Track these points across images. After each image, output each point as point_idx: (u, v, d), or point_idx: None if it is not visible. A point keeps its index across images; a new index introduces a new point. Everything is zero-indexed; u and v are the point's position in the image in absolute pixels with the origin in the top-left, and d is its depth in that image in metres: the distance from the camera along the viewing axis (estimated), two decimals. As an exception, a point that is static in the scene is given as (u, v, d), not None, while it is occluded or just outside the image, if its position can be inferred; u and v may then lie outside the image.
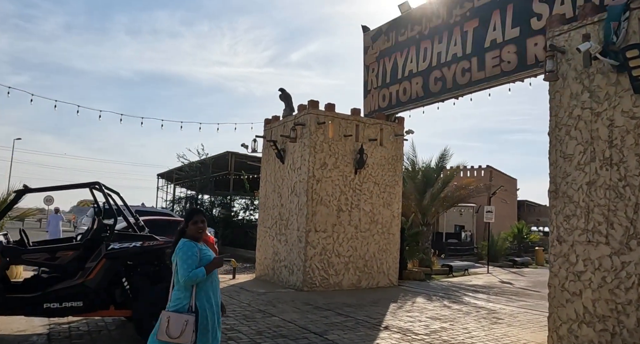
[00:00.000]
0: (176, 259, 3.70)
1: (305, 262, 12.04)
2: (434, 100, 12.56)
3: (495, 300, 11.65)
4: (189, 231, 3.85)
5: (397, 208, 13.98)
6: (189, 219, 3.89)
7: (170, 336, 3.55)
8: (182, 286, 3.67)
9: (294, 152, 13.06)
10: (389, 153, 13.85)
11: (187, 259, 3.65)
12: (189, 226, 3.85)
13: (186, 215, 4.00)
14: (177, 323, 3.57)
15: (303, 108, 12.92)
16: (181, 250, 3.69)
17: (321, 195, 12.43)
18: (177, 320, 3.58)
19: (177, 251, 3.72)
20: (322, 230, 12.37)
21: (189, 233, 3.85)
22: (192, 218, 3.88)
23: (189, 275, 3.61)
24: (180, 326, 3.56)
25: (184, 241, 3.77)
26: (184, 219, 3.97)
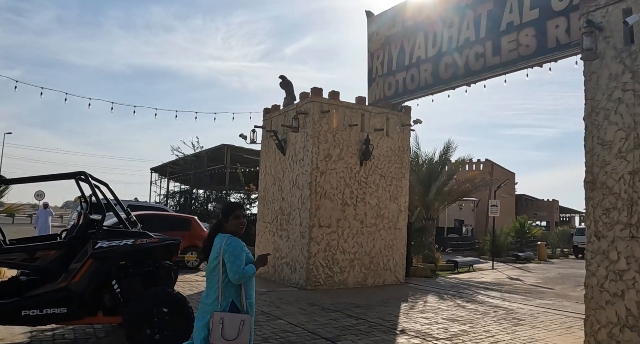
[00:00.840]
0: (223, 256, 3.43)
1: (309, 259, 11.35)
2: (445, 88, 11.87)
3: (510, 298, 11.02)
4: (228, 227, 3.59)
5: (404, 201, 13.31)
6: (229, 213, 3.61)
7: (226, 338, 3.32)
8: (233, 284, 3.44)
9: (295, 143, 12.34)
10: (396, 144, 13.16)
11: (238, 255, 3.44)
12: (229, 221, 3.59)
13: (226, 209, 3.69)
14: (233, 323, 3.35)
15: (305, 96, 12.20)
16: (231, 245, 3.45)
17: (325, 188, 11.73)
18: (232, 320, 3.36)
19: (225, 247, 3.44)
20: (326, 225, 11.68)
21: (228, 229, 3.59)
22: (233, 212, 3.62)
23: (243, 272, 3.42)
24: (237, 327, 3.35)
25: (230, 238, 3.51)
26: (222, 213, 3.66)
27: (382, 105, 13.15)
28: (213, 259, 3.49)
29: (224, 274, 3.43)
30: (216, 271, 3.46)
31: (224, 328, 3.32)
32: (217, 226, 3.65)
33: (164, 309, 5.40)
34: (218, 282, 3.44)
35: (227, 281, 3.44)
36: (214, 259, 3.48)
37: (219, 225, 3.63)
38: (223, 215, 3.65)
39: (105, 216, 5.54)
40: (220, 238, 3.53)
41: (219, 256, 3.44)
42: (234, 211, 3.63)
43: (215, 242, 3.53)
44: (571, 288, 13.71)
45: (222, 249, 3.44)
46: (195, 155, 28.07)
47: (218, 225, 3.65)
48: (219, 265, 3.44)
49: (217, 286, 3.44)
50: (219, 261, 3.44)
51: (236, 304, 3.45)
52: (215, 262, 3.46)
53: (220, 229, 3.61)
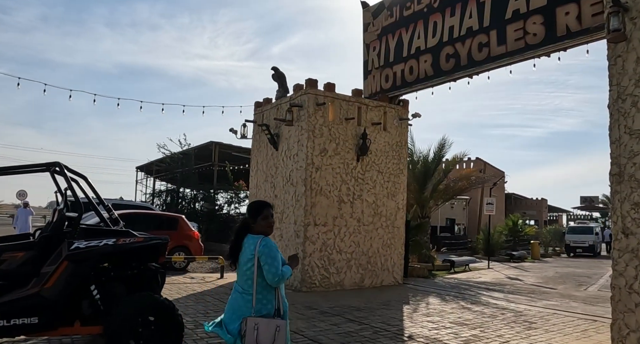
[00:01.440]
0: (259, 258, 3.26)
1: (304, 259, 10.76)
2: (446, 79, 11.34)
3: (514, 299, 10.52)
4: (257, 227, 3.41)
5: (402, 199, 12.77)
6: (258, 213, 3.43)
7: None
8: (268, 288, 3.29)
9: (289, 137, 11.74)
10: (393, 139, 12.61)
11: (275, 257, 3.29)
12: (257, 222, 3.41)
13: (254, 209, 3.49)
14: (268, 329, 3.16)
15: (300, 88, 11.60)
16: (266, 247, 3.29)
17: (321, 185, 11.15)
18: (267, 326, 3.17)
19: (262, 249, 3.27)
20: (322, 223, 11.10)
21: (257, 229, 3.41)
22: (262, 212, 3.44)
23: (282, 275, 3.28)
24: (273, 333, 3.16)
25: (265, 239, 3.34)
26: (250, 213, 3.47)
27: (379, 98, 12.60)
28: (246, 261, 3.30)
29: (258, 277, 3.27)
30: (249, 274, 3.29)
31: (259, 335, 3.13)
32: (244, 226, 3.44)
33: (150, 318, 4.77)
34: (252, 285, 3.27)
35: (263, 284, 3.28)
36: (247, 261, 3.29)
37: (247, 225, 3.44)
38: (250, 215, 3.45)
39: (82, 212, 4.89)
40: (253, 239, 3.34)
41: (253, 259, 3.27)
42: (262, 211, 3.45)
43: (247, 244, 3.34)
44: (574, 288, 13.27)
45: (258, 251, 3.27)
46: (183, 153, 27.26)
47: (245, 225, 3.44)
48: (254, 268, 3.26)
49: (262, 290, 3.27)
50: (253, 264, 3.27)
51: (272, 308, 3.29)
52: (249, 264, 3.28)
53: (248, 230, 3.42)
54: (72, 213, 5.09)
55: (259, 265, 3.25)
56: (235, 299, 3.37)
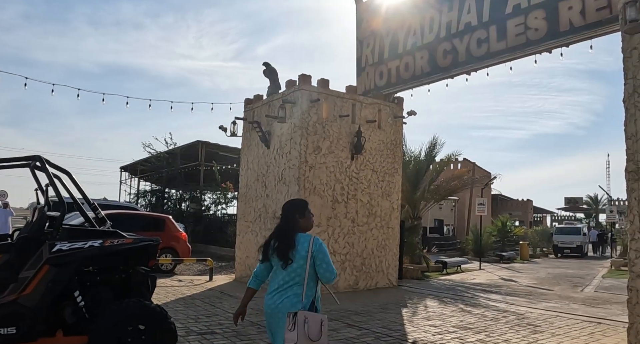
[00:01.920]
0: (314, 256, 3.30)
1: (297, 261, 10.38)
2: (443, 76, 11.07)
3: (513, 301, 10.25)
4: (303, 224, 3.46)
5: (397, 199, 12.46)
6: (303, 211, 3.49)
7: (312, 338, 3.13)
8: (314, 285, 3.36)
9: (281, 135, 11.35)
10: (388, 138, 12.30)
11: (326, 252, 3.37)
12: (305, 217, 3.48)
13: (299, 207, 3.52)
14: (315, 323, 3.17)
15: (292, 84, 11.23)
16: (322, 246, 3.37)
17: (314, 184, 10.78)
18: (314, 320, 3.17)
19: (317, 248, 3.32)
20: (316, 224, 10.71)
21: (303, 226, 3.46)
22: (307, 209, 3.52)
23: (335, 273, 3.38)
24: (318, 327, 3.18)
25: (317, 238, 3.40)
26: (295, 211, 3.48)
27: (373, 95, 12.28)
28: (299, 258, 3.29)
29: (310, 273, 3.30)
30: (299, 271, 3.29)
31: (310, 328, 3.12)
32: (294, 224, 3.43)
33: (139, 327, 4.37)
34: (302, 281, 3.29)
35: (310, 281, 3.31)
36: (300, 258, 3.29)
37: (295, 222, 3.44)
38: (299, 212, 3.47)
39: (65, 211, 4.46)
40: (304, 237, 3.37)
41: (306, 256, 3.29)
42: (307, 208, 3.53)
43: (300, 242, 3.33)
44: (570, 289, 13.07)
45: (314, 250, 3.31)
46: (168, 153, 26.71)
47: (294, 222, 3.44)
48: (306, 265, 3.28)
49: (300, 285, 3.29)
50: (305, 262, 3.28)
51: (315, 304, 3.34)
52: (302, 262, 3.28)
53: (296, 227, 3.42)
54: (54, 212, 4.66)
55: (311, 263, 3.29)
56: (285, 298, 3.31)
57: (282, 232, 3.41)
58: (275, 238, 3.42)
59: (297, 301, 3.26)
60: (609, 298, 11.46)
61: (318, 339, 3.14)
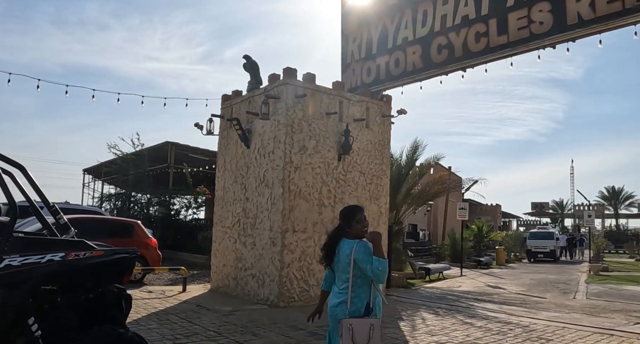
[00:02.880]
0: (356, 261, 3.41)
1: (282, 270, 9.54)
2: (437, 73, 10.43)
3: (511, 311, 9.65)
4: (353, 231, 3.58)
5: (385, 203, 11.76)
6: (352, 218, 3.63)
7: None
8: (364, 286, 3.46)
9: (263, 133, 10.50)
10: (376, 138, 11.59)
11: (369, 253, 3.41)
12: (352, 226, 3.60)
13: (348, 214, 3.69)
14: (362, 329, 3.28)
15: (276, 78, 10.41)
16: (362, 248, 3.43)
17: (300, 186, 9.97)
18: (360, 326, 3.28)
19: (357, 253, 3.41)
20: (302, 229, 9.92)
21: (353, 233, 3.58)
22: (355, 216, 3.63)
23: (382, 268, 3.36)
24: (367, 332, 3.27)
25: (360, 243, 3.48)
26: (344, 218, 3.69)
27: (361, 92, 11.56)
28: (345, 265, 3.46)
29: (354, 278, 3.43)
30: (345, 276, 3.45)
31: (354, 335, 3.26)
32: (340, 231, 3.63)
33: (112, 362, 3.47)
34: (357, 287, 3.42)
35: (358, 283, 3.44)
36: (345, 265, 3.46)
37: (342, 229, 3.61)
38: (345, 220, 3.64)
39: (17, 215, 3.52)
40: (348, 243, 3.50)
41: (350, 262, 3.43)
42: (356, 215, 3.62)
43: (343, 248, 3.51)
44: (562, 296, 12.59)
45: (355, 255, 3.42)
46: (135, 154, 25.42)
47: (341, 229, 3.62)
48: (350, 270, 3.43)
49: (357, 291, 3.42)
50: (351, 267, 3.43)
51: (363, 306, 3.41)
52: (349, 268, 3.44)
53: (343, 234, 3.59)
54: (3, 218, 3.71)
55: (355, 267, 3.40)
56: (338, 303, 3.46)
57: (328, 238, 3.65)
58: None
59: (343, 308, 3.40)
60: (605, 305, 11.00)
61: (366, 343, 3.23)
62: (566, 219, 76.76)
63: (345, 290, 3.45)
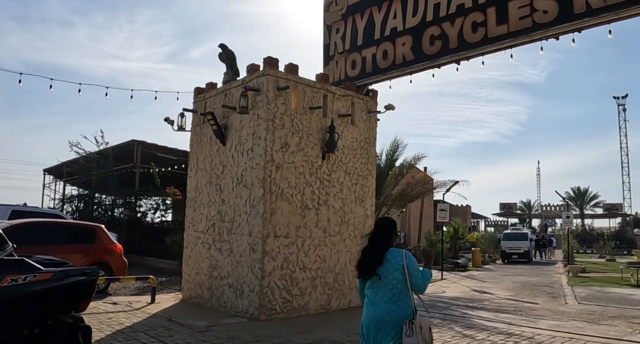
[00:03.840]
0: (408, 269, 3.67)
1: (262, 280, 8.67)
2: (429, 65, 9.73)
3: (509, 320, 9.01)
4: (393, 241, 3.87)
5: (371, 205, 11.01)
6: (395, 229, 3.92)
7: (427, 341, 3.59)
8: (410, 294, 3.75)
9: (241, 129, 9.62)
10: (361, 135, 10.84)
11: (418, 269, 3.73)
12: (394, 237, 3.88)
13: (392, 224, 3.96)
14: (427, 327, 3.65)
15: (256, 68, 9.54)
16: (413, 259, 3.74)
17: (282, 187, 9.13)
18: (426, 325, 3.65)
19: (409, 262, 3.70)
20: (284, 234, 9.07)
21: (393, 243, 3.86)
22: (396, 228, 3.93)
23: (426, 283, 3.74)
24: (429, 331, 3.66)
25: (407, 252, 3.77)
26: (389, 227, 3.91)
27: (346, 85, 10.79)
28: (393, 271, 3.66)
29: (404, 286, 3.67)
30: (395, 283, 3.66)
31: (423, 332, 3.57)
32: (387, 240, 3.81)
33: None
34: (408, 293, 3.68)
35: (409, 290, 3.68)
36: (394, 271, 3.66)
37: (389, 238, 3.84)
38: (390, 230, 3.87)
39: None
40: (397, 252, 3.74)
41: (401, 269, 3.66)
42: (396, 228, 3.94)
43: (392, 256, 3.71)
44: (553, 301, 12.07)
45: (407, 263, 3.68)
46: (99, 153, 24.04)
47: (387, 239, 3.82)
48: (403, 277, 3.65)
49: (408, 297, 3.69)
50: (401, 274, 3.66)
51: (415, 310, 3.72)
52: (397, 274, 3.66)
53: (389, 243, 3.81)
54: None
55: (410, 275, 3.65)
56: (391, 310, 3.63)
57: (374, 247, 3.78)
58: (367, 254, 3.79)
59: (407, 311, 3.64)
60: (601, 311, 10.50)
61: (431, 341, 3.63)
62: (534, 219, 77.97)
63: (396, 297, 3.66)
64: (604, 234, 54.64)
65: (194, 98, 11.46)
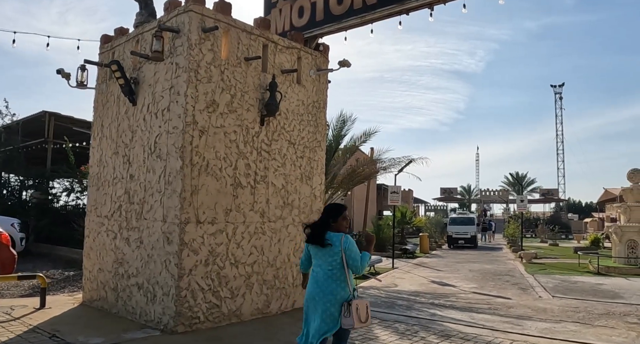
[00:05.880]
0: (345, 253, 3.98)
1: (180, 279, 6.57)
2: (396, 9, 7.82)
3: (490, 323, 7.39)
4: (336, 226, 4.12)
5: (320, 183, 9.10)
6: (338, 214, 4.17)
7: (362, 321, 3.92)
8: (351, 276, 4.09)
9: (156, 83, 7.39)
10: (309, 98, 8.86)
11: (356, 251, 4.04)
12: (338, 221, 4.13)
13: (335, 210, 4.22)
14: (364, 307, 3.97)
15: (176, 5, 7.30)
16: (351, 242, 4.04)
17: (207, 158, 7.02)
18: (362, 305, 3.97)
19: (346, 245, 4.00)
20: (210, 220, 6.98)
21: (335, 228, 4.11)
22: (341, 213, 4.18)
23: (362, 265, 4.03)
24: (366, 310, 3.98)
25: (347, 236, 4.07)
26: (331, 214, 4.20)
27: (292, 36, 8.73)
28: (333, 254, 3.99)
29: (349, 266, 4.02)
30: (335, 264, 3.99)
31: (360, 313, 3.90)
32: (324, 225, 4.14)
33: None
34: (345, 276, 4.00)
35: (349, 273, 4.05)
36: (334, 254, 3.99)
37: (327, 224, 4.13)
38: (332, 216, 4.17)
39: None
40: (336, 236, 4.03)
41: (340, 253, 3.97)
42: (342, 213, 4.19)
43: (332, 239, 4.01)
44: (525, 295, 10.63)
45: (344, 247, 3.99)
46: (5, 127, 20.83)
47: (326, 224, 4.14)
48: (342, 260, 3.98)
49: (345, 279, 4.00)
50: (340, 257, 3.98)
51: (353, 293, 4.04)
52: (336, 257, 3.99)
53: (328, 228, 4.11)
54: None
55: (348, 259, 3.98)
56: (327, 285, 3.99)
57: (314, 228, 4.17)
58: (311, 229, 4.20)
59: (346, 291, 3.99)
60: (583, 307, 9.13)
61: (367, 320, 3.96)
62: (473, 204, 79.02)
63: (332, 273, 3.99)
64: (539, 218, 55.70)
65: (100, 48, 9.07)
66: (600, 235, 27.97)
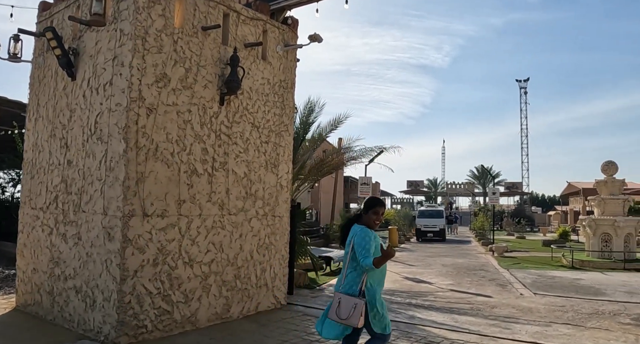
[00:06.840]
0: (353, 244, 3.93)
1: (122, 283, 5.59)
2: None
3: (475, 327, 6.68)
4: (365, 219, 4.05)
5: (287, 172, 8.22)
6: (371, 207, 4.07)
7: (339, 316, 3.79)
8: (359, 270, 3.91)
9: (97, 53, 6.36)
10: (276, 76, 7.96)
11: (364, 244, 3.85)
12: (368, 215, 4.06)
13: (367, 203, 4.14)
14: (347, 305, 3.78)
15: (119, -39, 6.26)
16: (359, 236, 3.91)
17: (156, 141, 6.04)
18: (347, 302, 3.79)
19: (356, 238, 3.92)
20: (159, 212, 6.01)
21: (364, 221, 4.05)
22: (374, 207, 4.08)
23: (366, 262, 3.80)
24: (349, 309, 3.75)
25: (363, 229, 3.96)
26: (364, 205, 4.13)
27: (257, 8, 7.79)
28: (347, 245, 4.02)
29: (350, 260, 3.96)
30: (349, 256, 3.97)
31: (340, 308, 3.80)
32: (356, 217, 4.18)
33: None
34: (356, 267, 3.91)
35: (355, 266, 3.94)
36: (347, 245, 4.02)
37: (358, 216, 4.16)
38: (365, 208, 4.10)
39: None
40: (355, 227, 4.02)
41: (350, 245, 3.96)
42: (375, 207, 4.08)
43: (351, 231, 4.04)
44: (506, 292, 9.99)
45: (353, 238, 3.94)
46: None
47: (357, 216, 4.18)
48: (349, 251, 3.97)
49: (356, 271, 3.93)
50: (351, 249, 3.95)
51: (357, 290, 3.86)
52: (348, 248, 3.99)
53: (358, 220, 4.12)
54: None
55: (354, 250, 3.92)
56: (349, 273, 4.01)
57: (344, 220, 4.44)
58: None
59: (354, 287, 3.90)
60: (569, 305, 8.53)
61: (345, 318, 3.76)
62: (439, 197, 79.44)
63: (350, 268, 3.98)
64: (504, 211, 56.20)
65: (38, 17, 7.93)
66: (568, 228, 27.97)
